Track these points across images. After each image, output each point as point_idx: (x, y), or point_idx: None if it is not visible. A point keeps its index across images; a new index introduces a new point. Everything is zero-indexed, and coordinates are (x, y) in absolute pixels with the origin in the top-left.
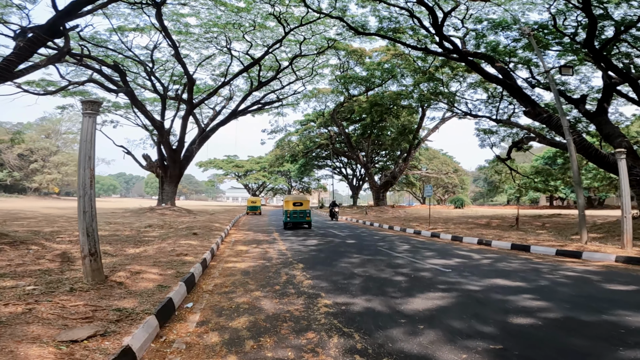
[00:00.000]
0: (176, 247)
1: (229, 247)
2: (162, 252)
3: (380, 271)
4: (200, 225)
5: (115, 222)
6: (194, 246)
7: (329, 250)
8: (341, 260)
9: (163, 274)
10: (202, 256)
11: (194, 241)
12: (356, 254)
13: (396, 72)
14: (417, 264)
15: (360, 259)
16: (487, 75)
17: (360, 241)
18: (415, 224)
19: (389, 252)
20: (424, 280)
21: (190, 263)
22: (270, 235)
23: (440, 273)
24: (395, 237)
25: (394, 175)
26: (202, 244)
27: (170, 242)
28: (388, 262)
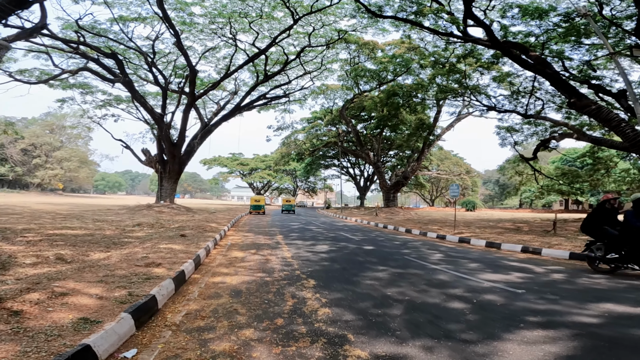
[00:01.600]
0: (151, 253)
1: (222, 252)
2: (129, 260)
3: (423, 293)
4: (194, 225)
5: (105, 219)
6: (175, 252)
7: (344, 259)
8: (364, 275)
9: (104, 297)
10: (179, 268)
11: (178, 245)
12: (380, 265)
13: (411, 65)
14: (468, 280)
15: (387, 272)
16: (525, 64)
17: (380, 247)
18: (435, 227)
19: (421, 263)
20: (497, 309)
21: (158, 278)
22: (273, 238)
23: (512, 295)
24: (417, 242)
25: (405, 176)
26: (186, 249)
27: (149, 245)
28: (427, 278)
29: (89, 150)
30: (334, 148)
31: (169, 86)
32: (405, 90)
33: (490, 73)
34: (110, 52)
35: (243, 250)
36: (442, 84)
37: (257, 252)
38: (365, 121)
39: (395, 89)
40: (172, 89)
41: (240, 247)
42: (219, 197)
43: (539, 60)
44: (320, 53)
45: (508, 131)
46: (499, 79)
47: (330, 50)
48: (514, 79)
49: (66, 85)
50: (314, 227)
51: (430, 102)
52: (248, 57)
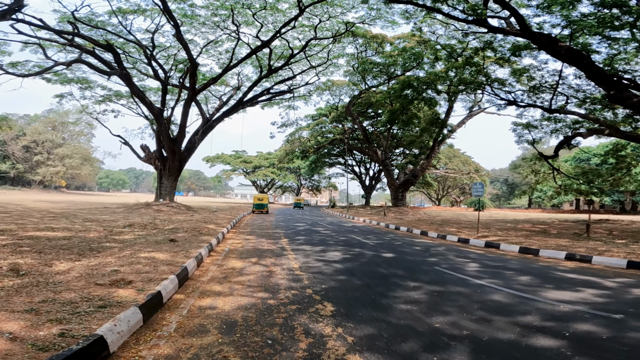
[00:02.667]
0: (125, 265)
1: (217, 261)
2: (91, 276)
3: (484, 323)
4: (190, 227)
5: (96, 219)
6: (156, 263)
7: (363, 271)
8: (394, 295)
9: (21, 337)
10: (155, 288)
11: (164, 253)
12: (410, 280)
13: (423, 59)
14: (534, 302)
15: (423, 290)
16: (559, 54)
17: (401, 254)
18: (453, 229)
19: (459, 277)
20: (611, 347)
21: (118, 305)
22: (277, 243)
23: (612, 323)
24: (439, 247)
25: (414, 174)
26: (172, 259)
27: (128, 253)
28: (478, 298)
29: (91, 147)
30: (339, 145)
31: (169, 80)
32: (422, 81)
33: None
34: (106, 44)
35: (242, 258)
36: (460, 76)
37: (258, 261)
38: (372, 118)
39: (411, 80)
40: (172, 84)
41: (239, 255)
42: (223, 195)
43: (571, 51)
44: (326, 47)
45: (526, 128)
46: (519, 72)
47: (336, 45)
48: (534, 72)
49: (64, 79)
50: (321, 229)
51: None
52: (251, 50)
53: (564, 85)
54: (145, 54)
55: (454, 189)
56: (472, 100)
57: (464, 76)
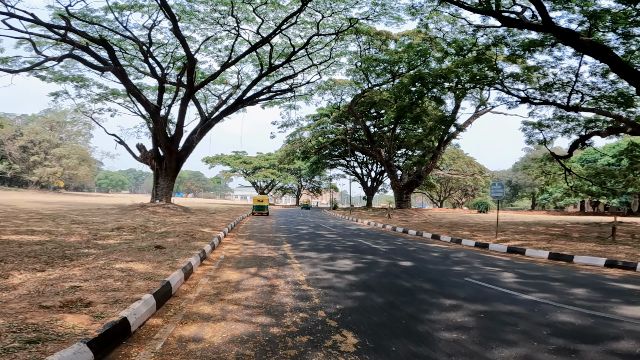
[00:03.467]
0: (91, 279)
1: (210, 272)
2: (39, 294)
3: (576, 358)
4: (183, 231)
5: (85, 221)
6: (132, 276)
7: (383, 284)
8: (430, 318)
9: None
10: (120, 313)
11: (145, 263)
12: (444, 297)
13: (429, 56)
14: (619, 323)
15: (464, 310)
16: (584, 48)
17: (420, 263)
18: (466, 233)
19: (501, 291)
20: None
21: (57, 340)
22: (279, 249)
23: None
24: (459, 253)
25: (419, 175)
26: (153, 271)
27: (101, 263)
28: (540, 320)
29: (89, 147)
30: (341, 146)
31: (167, 78)
32: (434, 74)
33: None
34: (100, 39)
35: (239, 268)
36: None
37: (258, 271)
38: (375, 118)
39: (422, 73)
40: (169, 81)
41: (236, 264)
42: (223, 197)
43: (596, 45)
44: (328, 44)
45: (537, 127)
46: (532, 69)
47: (338, 43)
48: (547, 69)
49: (58, 77)
50: (325, 232)
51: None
52: (251, 46)
53: (577, 83)
54: (142, 51)
55: (456, 190)
56: (479, 99)
57: (476, 71)
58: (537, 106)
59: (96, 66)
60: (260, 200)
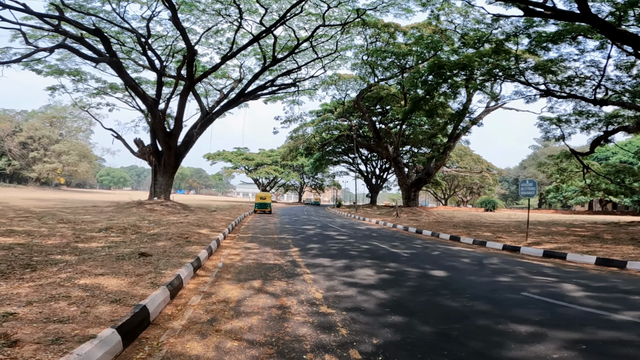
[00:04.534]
0: (35, 304)
1: (204, 286)
2: None
3: None
4: (177, 232)
5: (74, 220)
6: (97, 297)
7: (422, 304)
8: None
9: None
10: None
11: (119, 278)
12: (513, 321)
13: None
14: None
15: (553, 340)
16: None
17: (454, 272)
18: (487, 233)
19: (585, 310)
20: None
21: None
22: (286, 254)
23: None
24: (491, 258)
25: (428, 172)
26: (128, 289)
27: (66, 276)
28: None
29: (90, 143)
30: (345, 142)
31: (166, 71)
32: (454, 63)
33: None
34: (94, 29)
35: (240, 281)
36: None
37: (263, 285)
38: (380, 115)
39: (441, 62)
40: (169, 74)
41: (236, 274)
42: (225, 194)
43: (635, 36)
44: (333, 38)
45: (555, 123)
46: (555, 61)
47: (344, 36)
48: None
49: (54, 70)
50: (334, 233)
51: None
52: (253, 37)
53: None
54: (140, 42)
55: (461, 188)
56: (490, 94)
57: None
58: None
59: (90, 57)
60: (262, 198)
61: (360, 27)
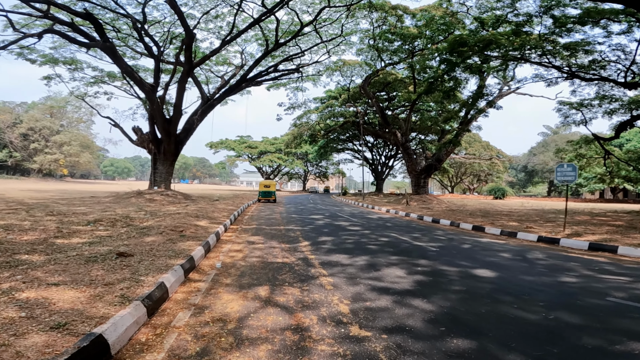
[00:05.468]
0: None
1: (196, 296)
2: None
3: None
4: (172, 225)
5: (66, 211)
6: (27, 325)
7: (491, 321)
8: None
9: None
10: None
11: (75, 290)
12: (634, 340)
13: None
14: None
15: None
16: None
17: (504, 271)
18: (512, 223)
19: None
20: None
21: None
22: (295, 249)
23: None
24: (534, 253)
25: (438, 158)
26: (83, 308)
27: (8, 286)
28: None
29: (91, 134)
30: (350, 130)
31: (164, 57)
32: (480, 39)
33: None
34: (85, 13)
35: (243, 288)
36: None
37: (272, 295)
38: (386, 101)
39: (463, 38)
40: (167, 61)
41: (237, 278)
42: (228, 183)
43: None
44: (337, 21)
45: (575, 107)
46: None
47: (348, 20)
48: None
49: (49, 59)
50: (345, 223)
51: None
52: (254, 20)
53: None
54: (136, 28)
55: (468, 175)
56: (502, 78)
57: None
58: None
59: (81, 42)
60: (267, 186)
61: (366, 10)
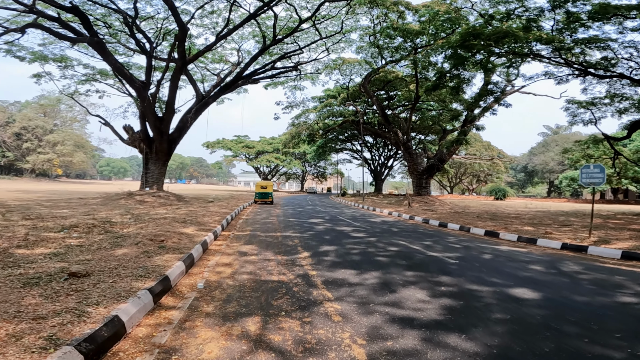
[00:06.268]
0: None
1: (162, 334)
2: None
3: None
4: (153, 233)
5: (43, 215)
6: None
7: None
8: None
9: None
10: None
11: None
12: None
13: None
14: None
15: None
16: None
17: (545, 290)
18: (528, 228)
19: None
20: None
21: None
22: (294, 262)
23: None
24: (569, 264)
25: (441, 158)
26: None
27: None
28: None
29: (86, 133)
30: (349, 129)
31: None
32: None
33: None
34: (71, 6)
35: (227, 320)
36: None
37: (263, 331)
38: (385, 100)
39: (477, 30)
40: (159, 57)
41: (222, 305)
42: (226, 183)
43: None
44: (337, 17)
45: (584, 106)
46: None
47: (348, 17)
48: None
49: (38, 56)
50: (348, 229)
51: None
52: (249, 14)
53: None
54: (126, 22)
55: (467, 176)
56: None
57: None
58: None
59: (66, 37)
60: (263, 187)
61: (367, 6)
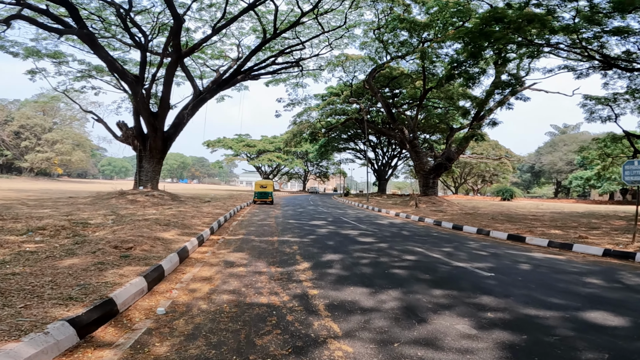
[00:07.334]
0: None
1: None
2: None
3: None
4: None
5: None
6: None
7: None
8: None
9: None
10: None
11: None
12: None
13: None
14: None
15: None
16: None
17: (624, 313)
18: (556, 231)
19: None
20: None
21: None
22: (290, 277)
23: None
24: (619, 272)
25: (449, 157)
26: None
27: None
28: None
29: (85, 132)
30: (352, 128)
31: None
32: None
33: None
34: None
35: None
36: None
37: None
38: (389, 98)
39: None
40: (154, 51)
41: (182, 344)
42: (227, 183)
43: None
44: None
45: (603, 102)
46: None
47: (352, 11)
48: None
49: (32, 52)
50: (353, 232)
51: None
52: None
53: None
54: (119, 14)
55: (472, 176)
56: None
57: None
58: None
59: (53, 28)
60: (263, 186)
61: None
